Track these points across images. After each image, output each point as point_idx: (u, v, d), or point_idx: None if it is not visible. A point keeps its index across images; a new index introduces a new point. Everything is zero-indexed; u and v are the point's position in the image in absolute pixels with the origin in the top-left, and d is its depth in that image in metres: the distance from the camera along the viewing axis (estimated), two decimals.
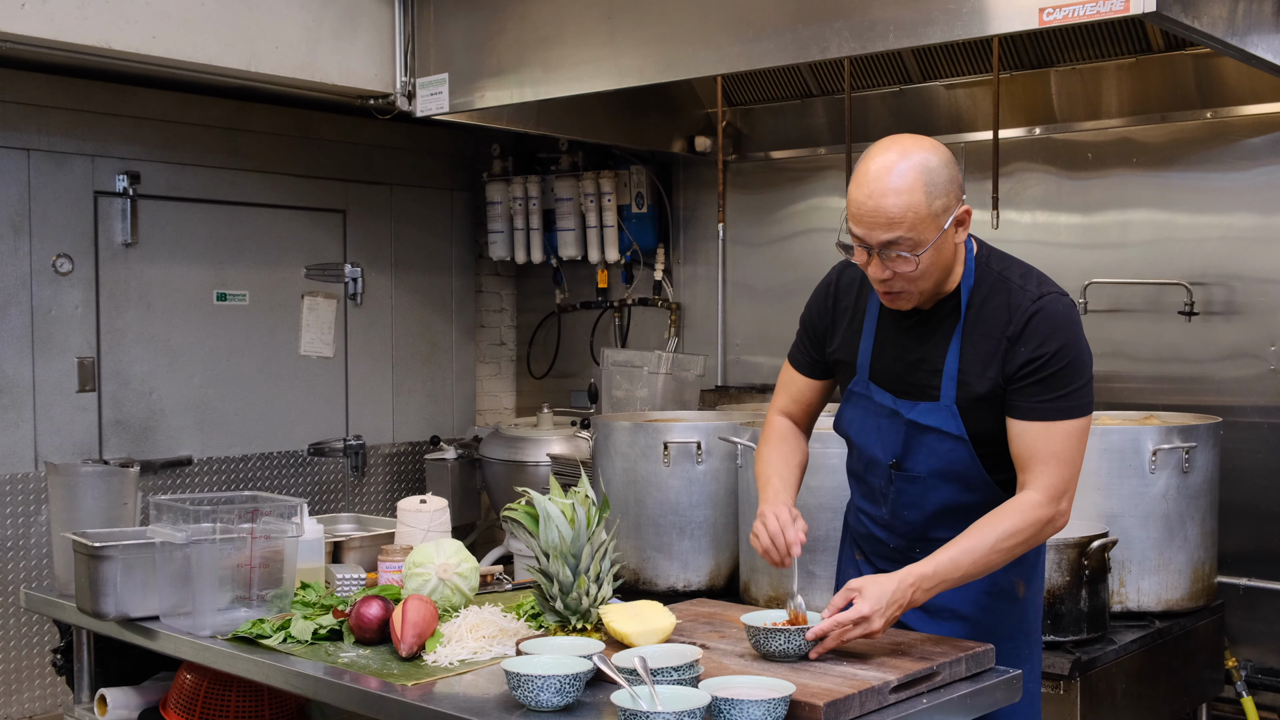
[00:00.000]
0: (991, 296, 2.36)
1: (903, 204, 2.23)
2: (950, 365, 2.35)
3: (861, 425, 2.49)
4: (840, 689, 2.02)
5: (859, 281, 2.51)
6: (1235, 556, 4.20)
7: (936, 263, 2.30)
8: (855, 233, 2.29)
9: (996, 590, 2.44)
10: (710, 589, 3.97)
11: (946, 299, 2.39)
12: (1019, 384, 2.30)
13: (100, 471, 3.13)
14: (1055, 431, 2.29)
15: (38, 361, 4.84)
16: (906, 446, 2.41)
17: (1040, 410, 2.29)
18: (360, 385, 5.90)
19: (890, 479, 2.44)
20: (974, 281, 2.38)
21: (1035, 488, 2.29)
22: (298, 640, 2.53)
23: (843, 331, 2.52)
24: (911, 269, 2.27)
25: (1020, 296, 2.34)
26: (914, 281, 2.30)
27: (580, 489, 2.39)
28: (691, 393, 5.45)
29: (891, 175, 2.24)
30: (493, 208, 6.23)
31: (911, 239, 2.24)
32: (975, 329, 2.35)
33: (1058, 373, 2.29)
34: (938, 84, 4.88)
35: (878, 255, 2.27)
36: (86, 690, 3.06)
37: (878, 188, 2.24)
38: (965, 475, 2.38)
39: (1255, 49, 3.43)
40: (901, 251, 2.24)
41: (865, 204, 2.26)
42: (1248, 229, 4.32)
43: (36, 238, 4.84)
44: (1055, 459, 2.29)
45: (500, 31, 4.42)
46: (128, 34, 4.07)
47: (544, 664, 2.09)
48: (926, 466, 2.40)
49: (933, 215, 2.24)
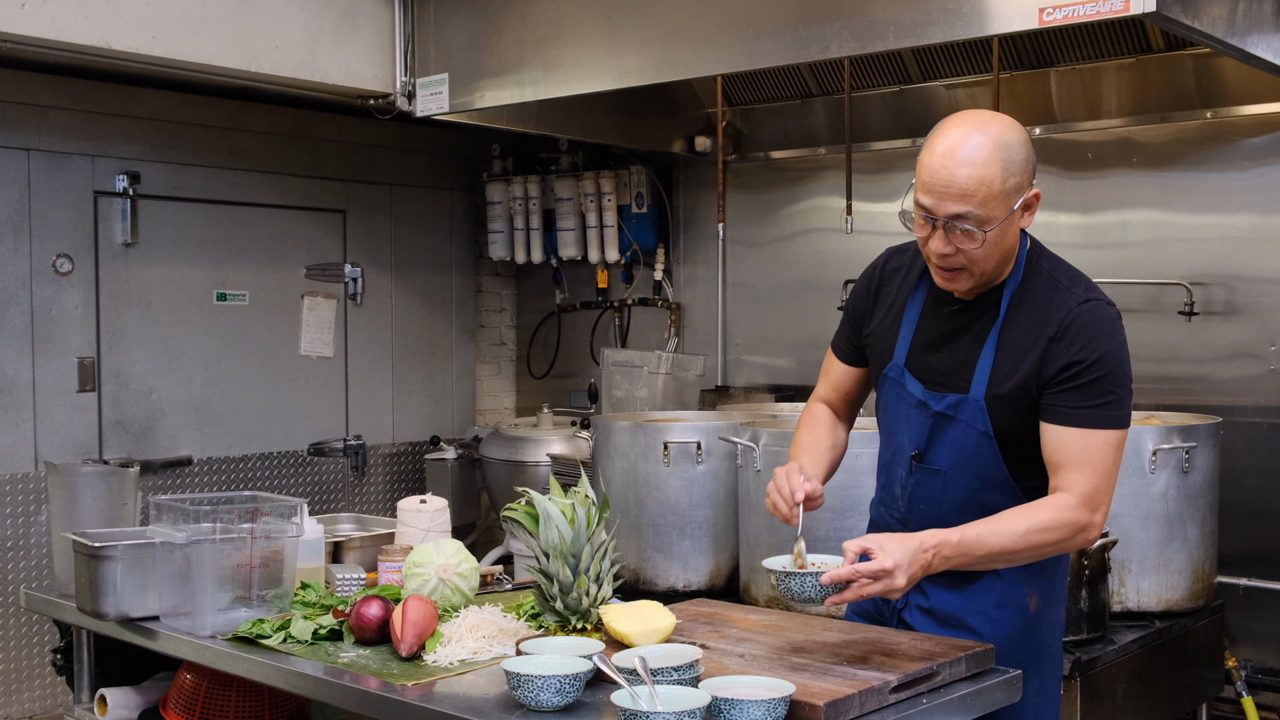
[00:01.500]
0: (1037, 295, 2.31)
1: (977, 177, 2.17)
2: (985, 360, 2.31)
3: (893, 411, 2.44)
4: (840, 689, 2.02)
5: (904, 270, 2.47)
6: (1235, 556, 4.19)
7: (1001, 245, 2.24)
8: (923, 203, 2.23)
9: (1008, 602, 2.38)
10: (710, 589, 3.96)
11: (991, 292, 2.33)
12: (1057, 388, 2.25)
13: (100, 471, 3.13)
14: (1092, 440, 2.23)
15: (38, 361, 4.84)
16: (931, 438, 2.36)
17: (1078, 417, 2.23)
18: (360, 385, 5.90)
19: (911, 470, 2.40)
20: (1021, 278, 2.32)
21: (1072, 492, 2.23)
22: (298, 640, 2.52)
23: (881, 316, 2.47)
24: (976, 246, 2.21)
25: (1065, 298, 2.30)
26: (976, 262, 2.24)
27: (580, 489, 2.39)
28: (691, 393, 5.44)
29: (968, 146, 2.19)
30: (493, 208, 6.23)
31: (981, 215, 2.19)
32: (1015, 326, 2.30)
33: (1098, 380, 2.24)
34: (938, 84, 4.89)
35: (943, 228, 2.21)
36: (86, 690, 3.06)
37: (953, 158, 2.18)
38: (986, 473, 2.33)
39: (1255, 49, 3.42)
40: (969, 226, 2.19)
41: (939, 173, 2.19)
42: (1248, 229, 4.32)
43: (36, 238, 4.84)
44: (1092, 468, 2.23)
45: (500, 31, 4.42)
46: (128, 34, 4.07)
47: (544, 664, 2.09)
48: (948, 460, 2.35)
49: (1005, 194, 2.19)
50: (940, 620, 2.41)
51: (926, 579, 2.37)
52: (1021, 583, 2.38)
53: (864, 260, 2.66)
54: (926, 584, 2.41)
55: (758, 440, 3.63)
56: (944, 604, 2.40)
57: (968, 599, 2.37)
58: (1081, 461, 2.22)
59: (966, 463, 2.33)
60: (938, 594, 2.42)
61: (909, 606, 2.46)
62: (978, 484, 2.33)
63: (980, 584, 2.38)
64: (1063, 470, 2.24)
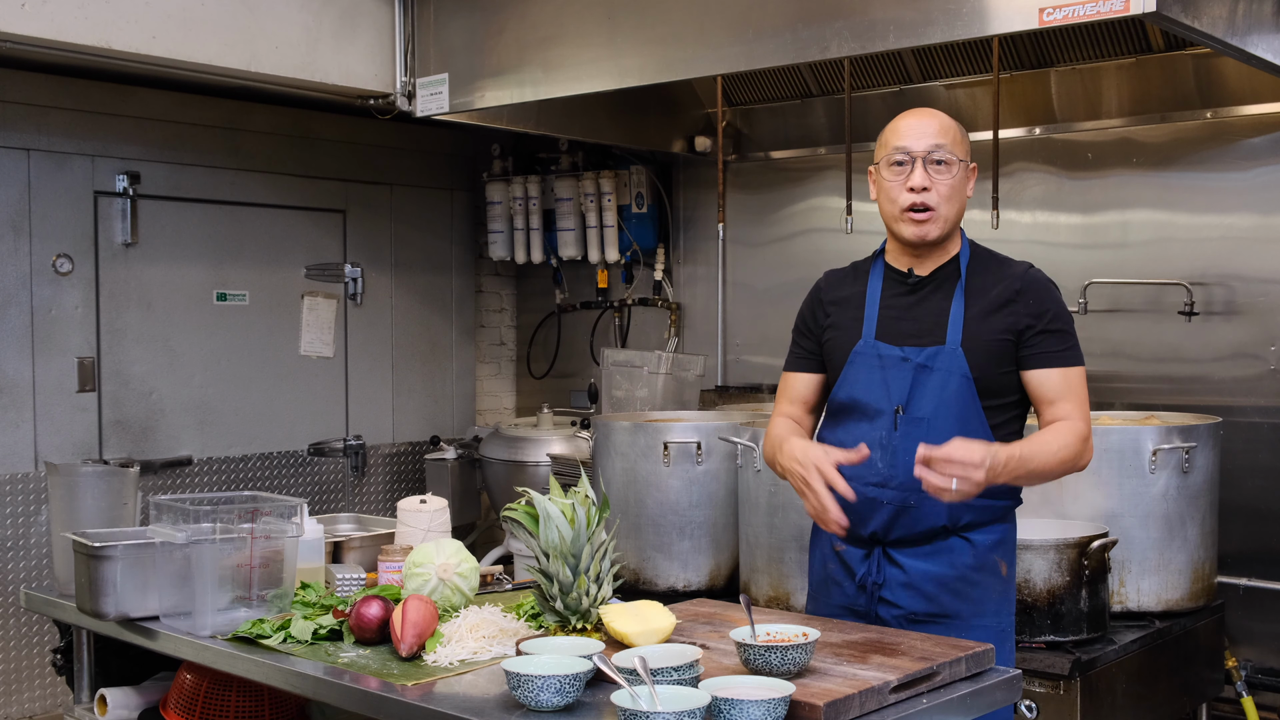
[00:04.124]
0: (986, 268, 2.65)
1: (946, 122, 2.62)
2: (955, 313, 2.58)
3: (866, 381, 2.62)
4: (840, 689, 2.02)
5: (847, 277, 2.77)
6: (1235, 556, 4.19)
7: (961, 192, 2.62)
8: (901, 145, 2.59)
9: (984, 566, 2.59)
10: (710, 589, 3.96)
11: (944, 265, 2.64)
12: (1032, 337, 2.56)
13: (100, 471, 3.13)
14: (1072, 376, 2.57)
15: (38, 361, 4.84)
16: (913, 390, 2.56)
17: (1058, 357, 2.56)
18: (360, 385, 5.90)
19: (895, 424, 2.56)
20: (970, 253, 2.67)
21: (1070, 417, 2.55)
22: (298, 640, 2.52)
23: (839, 316, 2.71)
24: (950, 177, 2.58)
25: (1014, 266, 2.66)
26: (945, 200, 2.58)
27: (580, 489, 2.39)
28: (691, 393, 5.44)
29: (926, 109, 2.68)
30: (493, 208, 6.22)
31: (952, 149, 2.58)
32: (975, 286, 2.61)
33: (1062, 328, 2.59)
34: (938, 84, 4.88)
35: (921, 163, 2.57)
36: (86, 690, 3.06)
37: (918, 114, 2.64)
38: (965, 416, 2.54)
39: (1255, 49, 3.42)
40: (944, 156, 2.57)
41: (913, 121, 2.62)
42: (1248, 229, 4.32)
43: (36, 238, 4.84)
44: (1077, 398, 2.57)
45: (500, 31, 4.41)
46: (128, 34, 4.07)
47: (544, 664, 2.09)
48: (930, 408, 2.55)
49: (964, 145, 2.63)
50: (923, 594, 2.58)
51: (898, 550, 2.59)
52: (991, 550, 2.60)
53: None
54: (901, 557, 2.60)
55: (758, 440, 3.62)
56: (923, 577, 2.58)
57: (945, 568, 2.57)
58: (1070, 394, 2.57)
59: (947, 409, 2.55)
60: (914, 566, 2.59)
61: (888, 584, 2.60)
62: (957, 430, 2.50)
63: (954, 554, 2.58)
64: (1057, 404, 2.56)
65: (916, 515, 2.56)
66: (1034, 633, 3.30)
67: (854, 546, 2.64)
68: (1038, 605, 3.30)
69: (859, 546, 2.63)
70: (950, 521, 2.57)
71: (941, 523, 2.56)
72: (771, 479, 3.56)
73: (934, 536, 2.57)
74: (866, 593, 2.61)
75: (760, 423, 3.88)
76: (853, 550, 2.64)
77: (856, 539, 2.61)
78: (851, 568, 2.64)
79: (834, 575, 2.68)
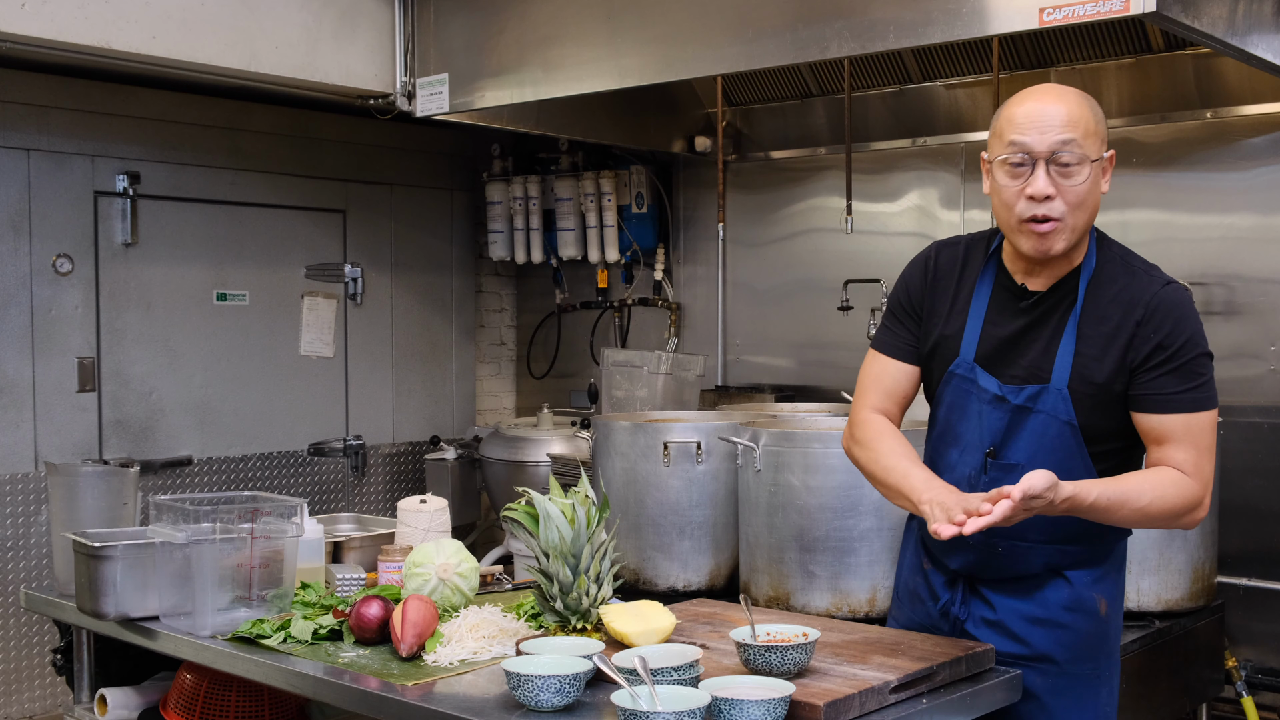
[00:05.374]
0: (1114, 280, 2.25)
1: (1076, 110, 2.17)
2: (1065, 348, 2.22)
3: (961, 409, 2.32)
4: (840, 689, 2.02)
5: (958, 264, 2.38)
6: (1235, 556, 4.17)
7: (1092, 195, 2.19)
8: (1019, 141, 2.17)
9: (1079, 607, 2.32)
10: (710, 589, 3.93)
11: (1065, 280, 2.26)
12: (1150, 374, 2.18)
13: (100, 471, 3.13)
14: (1194, 424, 2.17)
15: (38, 361, 4.84)
16: (1008, 433, 2.26)
17: (1177, 403, 2.17)
18: (360, 385, 5.89)
19: (985, 468, 2.28)
20: (1095, 263, 2.26)
21: (1184, 470, 2.17)
22: (298, 640, 2.53)
23: (944, 310, 2.36)
24: (1080, 181, 2.15)
25: (1146, 282, 2.24)
26: (1074, 208, 2.17)
27: (580, 489, 2.40)
28: (691, 393, 5.43)
29: (1057, 92, 2.21)
30: (493, 208, 6.22)
31: (1083, 147, 2.15)
32: (1095, 311, 2.23)
33: (1189, 362, 2.18)
34: (938, 84, 4.88)
35: (1044, 166, 2.16)
36: (86, 690, 3.06)
37: (1049, 98, 2.19)
38: (1067, 465, 2.19)
39: (1255, 49, 3.41)
40: (1072, 157, 2.14)
41: (1035, 109, 2.17)
42: (1248, 229, 4.31)
43: (36, 238, 4.84)
44: (1198, 449, 2.17)
45: (500, 31, 4.41)
46: (128, 34, 4.07)
47: (544, 664, 2.10)
48: (1026, 454, 2.24)
49: (1098, 135, 2.19)
50: (1010, 633, 2.33)
51: (988, 587, 2.35)
52: (1091, 586, 2.32)
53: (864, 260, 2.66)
54: (990, 593, 2.35)
55: (758, 440, 3.61)
56: (1010, 614, 2.33)
57: (1035, 606, 2.31)
58: (1189, 444, 2.17)
59: (1046, 456, 2.21)
60: (1003, 603, 2.34)
61: (972, 618, 2.38)
62: None
63: (1048, 589, 2.32)
64: (1168, 446, 2.18)
65: (1008, 559, 2.31)
66: None
67: (939, 572, 2.42)
68: None
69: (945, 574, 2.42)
70: (1046, 565, 2.31)
71: (1035, 570, 2.31)
72: (772, 479, 3.54)
73: (1029, 577, 2.32)
74: (949, 621, 2.39)
75: (760, 423, 3.87)
76: (937, 574, 2.42)
77: (944, 569, 2.40)
78: (935, 591, 2.42)
79: (919, 591, 2.46)
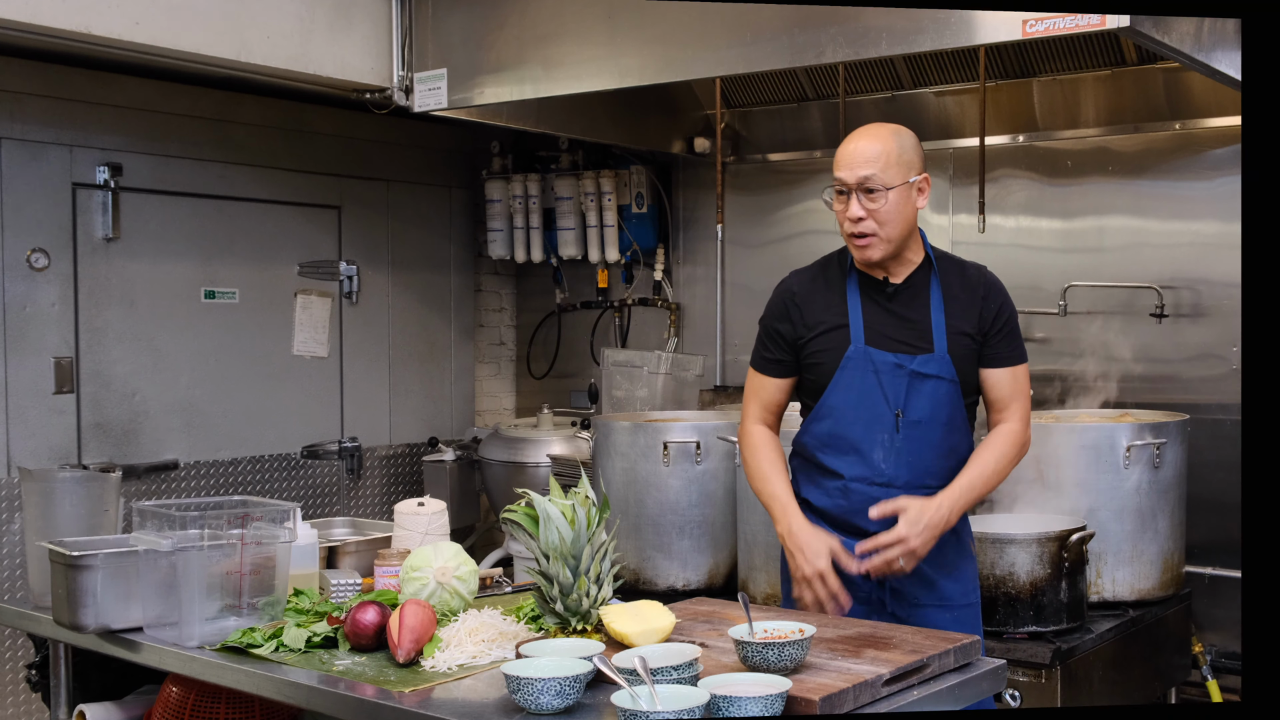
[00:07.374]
0: (949, 270, 2.90)
1: (876, 148, 2.79)
2: (938, 322, 2.83)
3: (861, 387, 2.83)
4: (835, 683, 2.14)
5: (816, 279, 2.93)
6: (1201, 547, 4.41)
7: (901, 213, 2.79)
8: (839, 177, 2.81)
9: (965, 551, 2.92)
10: (709, 588, 4.09)
11: (918, 271, 2.87)
12: (993, 338, 2.85)
13: (78, 477, 3.13)
14: (1019, 374, 2.89)
15: (10, 361, 4.65)
16: (908, 395, 2.80)
17: (1009, 357, 2.88)
18: (356, 386, 5.79)
19: (897, 427, 2.81)
20: (934, 259, 2.89)
21: (1013, 420, 2.87)
22: (290, 649, 2.49)
23: (819, 319, 2.89)
24: (881, 205, 2.76)
25: (974, 269, 2.93)
26: (883, 225, 2.77)
27: (580, 489, 2.45)
28: (691, 393, 5.50)
29: (868, 133, 2.85)
30: (492, 206, 6.18)
31: (882, 177, 2.77)
32: (949, 292, 2.86)
33: (1014, 328, 2.90)
34: (927, 90, 5.05)
35: (855, 195, 2.77)
36: (64, 707, 2.99)
37: (858, 140, 2.83)
38: (951, 416, 2.83)
39: (1219, 64, 3.63)
40: (874, 186, 2.76)
41: (845, 149, 2.82)
42: (1212, 236, 4.54)
43: (9, 231, 4.66)
44: (1022, 395, 2.89)
45: (500, 27, 4.43)
46: (108, 19, 3.94)
47: (543, 666, 2.13)
48: (925, 411, 2.81)
49: (900, 164, 2.79)
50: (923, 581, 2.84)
51: None
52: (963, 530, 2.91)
53: None
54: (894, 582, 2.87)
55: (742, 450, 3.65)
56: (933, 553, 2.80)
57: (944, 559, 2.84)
58: (1018, 392, 2.89)
59: (937, 411, 2.82)
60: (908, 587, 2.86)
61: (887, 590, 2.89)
62: (945, 429, 2.83)
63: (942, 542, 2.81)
64: (1008, 405, 2.88)
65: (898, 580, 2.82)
66: (1017, 623, 3.48)
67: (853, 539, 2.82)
68: (1021, 597, 3.48)
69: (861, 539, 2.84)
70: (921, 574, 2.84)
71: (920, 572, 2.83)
72: None
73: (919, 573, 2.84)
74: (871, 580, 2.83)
75: None
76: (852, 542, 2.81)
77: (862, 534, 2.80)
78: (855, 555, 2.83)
79: None
